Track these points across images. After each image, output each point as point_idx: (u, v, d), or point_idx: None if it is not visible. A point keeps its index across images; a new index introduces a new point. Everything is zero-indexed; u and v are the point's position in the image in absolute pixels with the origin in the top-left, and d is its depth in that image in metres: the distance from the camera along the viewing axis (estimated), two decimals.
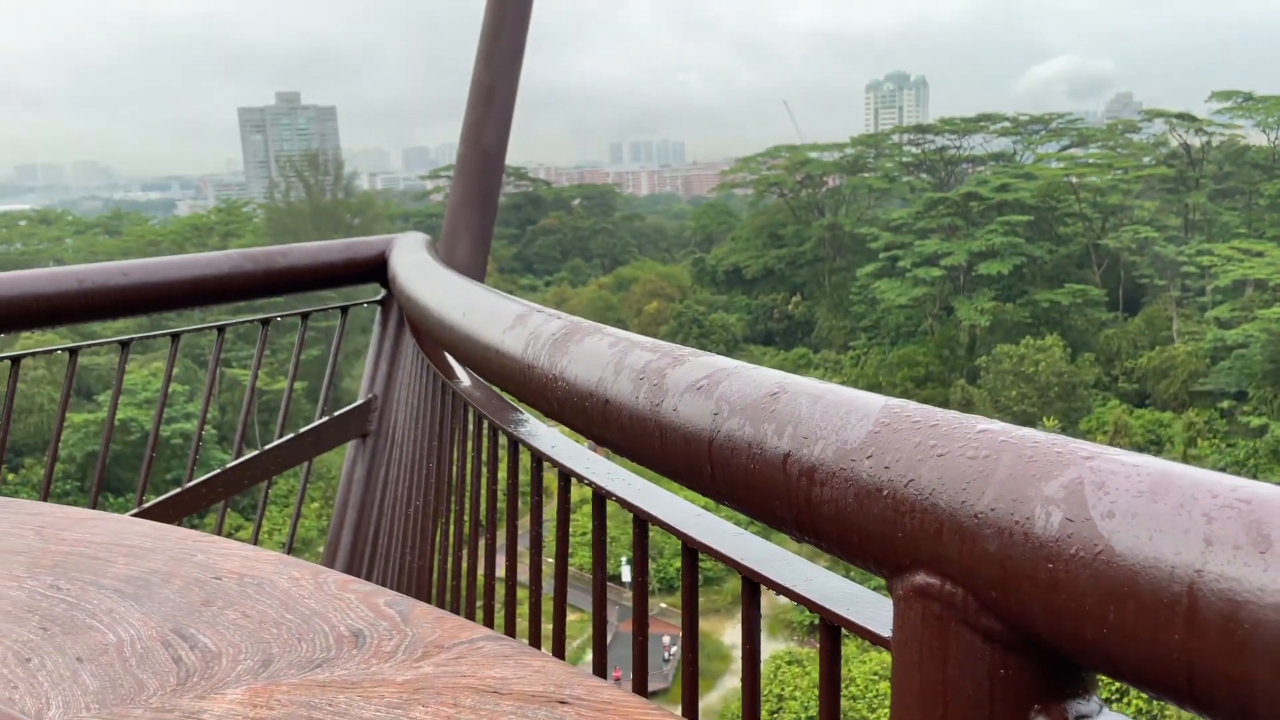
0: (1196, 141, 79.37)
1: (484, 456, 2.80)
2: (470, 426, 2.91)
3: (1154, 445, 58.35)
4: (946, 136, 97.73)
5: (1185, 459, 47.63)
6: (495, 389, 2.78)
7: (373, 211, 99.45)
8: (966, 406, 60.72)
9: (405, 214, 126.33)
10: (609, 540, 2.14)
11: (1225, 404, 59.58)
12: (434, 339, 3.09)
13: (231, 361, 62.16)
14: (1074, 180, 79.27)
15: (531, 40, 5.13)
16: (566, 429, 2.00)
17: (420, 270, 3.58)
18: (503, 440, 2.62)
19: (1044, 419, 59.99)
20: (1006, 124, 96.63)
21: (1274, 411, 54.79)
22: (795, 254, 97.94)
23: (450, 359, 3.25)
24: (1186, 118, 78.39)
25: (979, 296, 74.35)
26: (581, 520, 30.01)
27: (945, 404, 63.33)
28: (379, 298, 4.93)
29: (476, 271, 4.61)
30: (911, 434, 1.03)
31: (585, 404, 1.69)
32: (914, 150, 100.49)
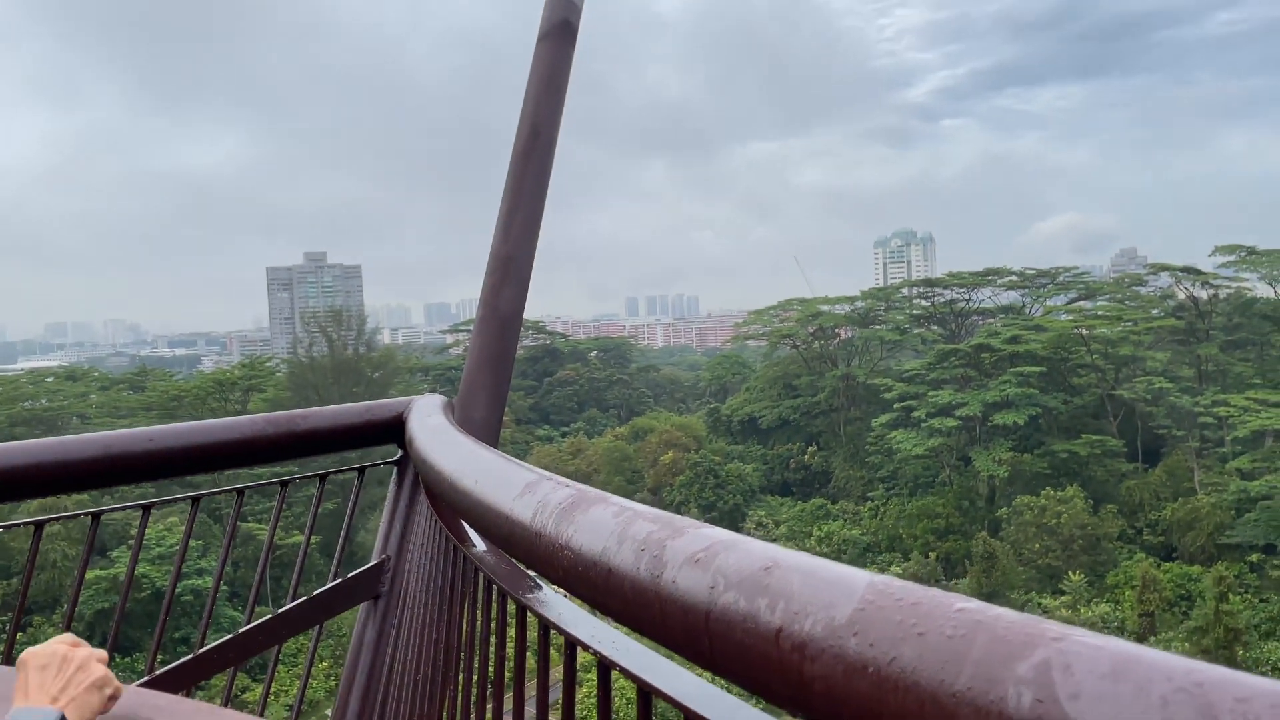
0: (1203, 294, 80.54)
1: (493, 623, 2.84)
2: (480, 591, 2.97)
3: (1184, 600, 56.53)
4: (955, 290, 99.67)
5: (1218, 614, 46.14)
6: (506, 554, 2.84)
7: (393, 365, 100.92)
8: (989, 560, 59.44)
9: (425, 366, 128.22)
10: (614, 711, 2.16)
11: (1254, 557, 58.06)
12: (447, 502, 3.18)
13: (247, 516, 62.00)
14: (1084, 332, 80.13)
15: (551, 202, 5.41)
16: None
17: (436, 435, 3.70)
18: (512, 606, 2.67)
19: (1070, 573, 58.54)
20: (1014, 278, 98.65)
21: None
22: (810, 404, 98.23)
23: (463, 522, 3.32)
24: (1192, 271, 79.87)
25: (996, 447, 73.89)
26: (590, 688, 28.97)
27: (968, 557, 62.04)
28: (395, 458, 5.02)
29: (491, 433, 4.72)
30: (894, 611, 1.07)
31: (590, 573, 1.75)
32: (923, 303, 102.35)
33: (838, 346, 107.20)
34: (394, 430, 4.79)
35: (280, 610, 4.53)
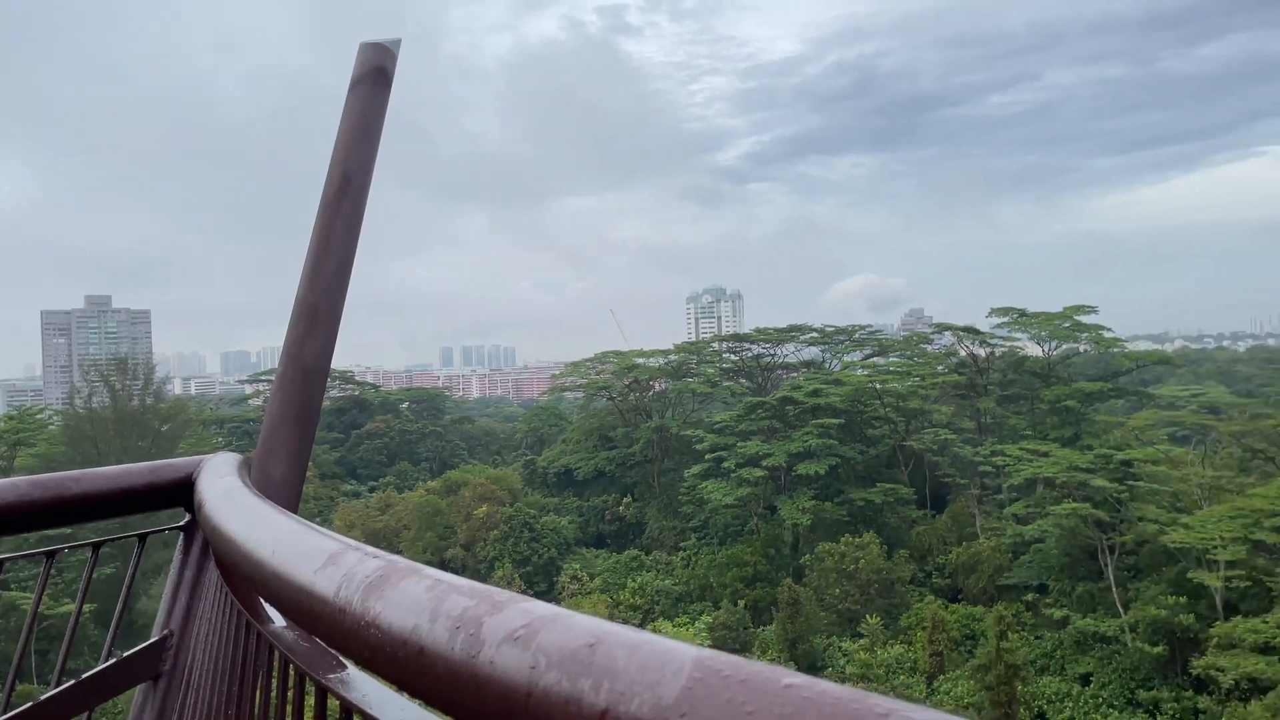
0: (982, 352, 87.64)
1: (290, 707, 2.60)
2: (276, 672, 2.72)
3: (969, 639, 60.44)
4: (762, 345, 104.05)
5: (999, 652, 49.53)
6: (306, 632, 2.62)
7: (184, 417, 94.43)
8: (794, 606, 61.48)
9: (220, 419, 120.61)
10: None
11: (1029, 597, 62.89)
12: (240, 574, 2.92)
13: (10, 583, 55.69)
14: (878, 386, 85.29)
15: (363, 249, 5.19)
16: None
17: (228, 498, 3.41)
18: (311, 689, 2.46)
19: (867, 616, 61.31)
20: (815, 334, 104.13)
21: (1073, 603, 58.18)
22: (625, 455, 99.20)
23: (258, 596, 3.06)
24: (972, 331, 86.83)
25: (799, 496, 77.03)
26: None
27: (774, 604, 63.64)
28: (181, 523, 4.61)
29: (292, 494, 4.42)
30: (723, 689, 1.04)
31: (399, 652, 1.61)
32: (733, 357, 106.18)
33: (652, 398, 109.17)
34: (182, 492, 4.40)
35: (43, 697, 4.01)
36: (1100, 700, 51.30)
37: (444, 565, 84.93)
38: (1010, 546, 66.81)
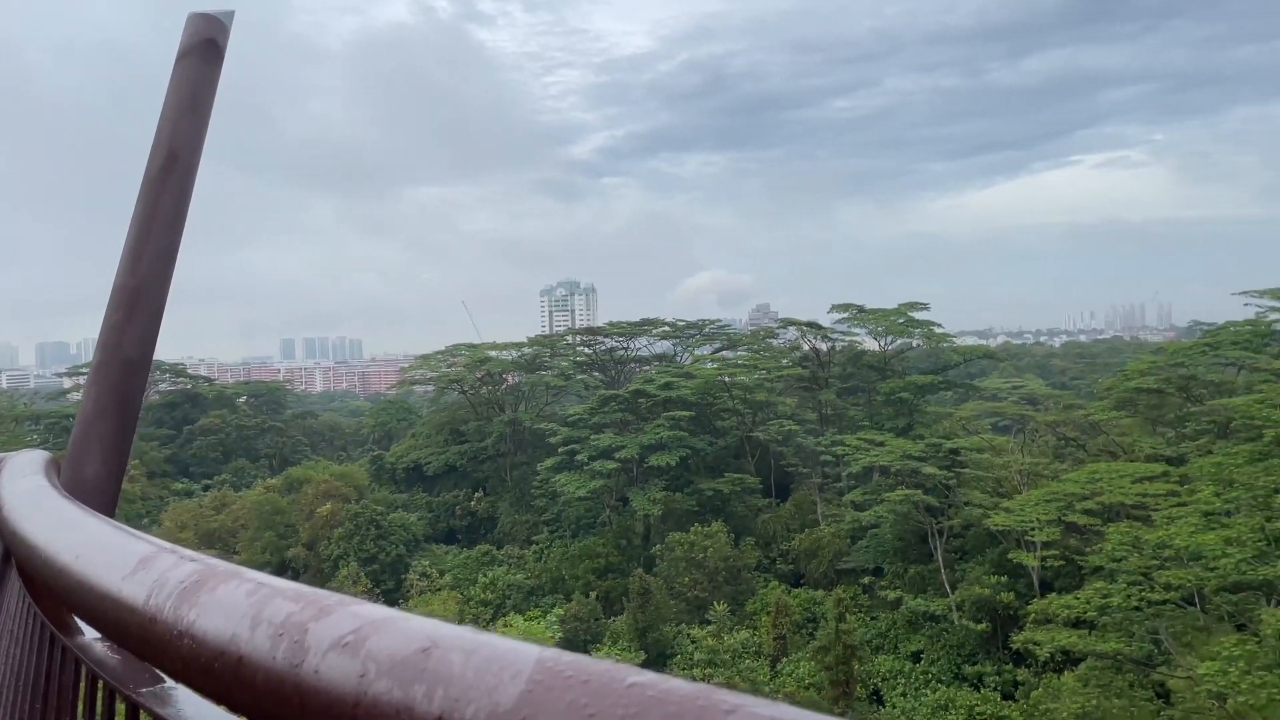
0: (823, 346, 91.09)
1: None
2: (84, 688, 2.51)
3: (811, 622, 62.86)
4: (615, 339, 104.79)
5: (837, 633, 51.71)
6: (116, 643, 2.43)
7: None
8: (645, 595, 62.30)
9: (35, 414, 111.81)
10: None
11: (866, 579, 65.93)
12: (43, 581, 2.68)
13: None
14: (726, 379, 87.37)
15: (195, 234, 4.88)
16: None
17: (29, 499, 3.13)
18: (122, 706, 2.28)
19: (715, 603, 62.74)
20: (667, 328, 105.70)
21: (906, 584, 61.35)
22: (477, 449, 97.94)
23: (63, 606, 2.82)
24: (814, 326, 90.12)
25: (651, 487, 78.06)
26: None
27: (626, 594, 64.23)
28: None
29: (106, 495, 4.11)
30: (564, 692, 1.00)
31: (215, 663, 1.50)
32: (586, 350, 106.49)
33: (505, 392, 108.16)
34: None
35: None
36: (930, 676, 54.35)
37: (285, 565, 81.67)
38: (849, 532, 69.80)
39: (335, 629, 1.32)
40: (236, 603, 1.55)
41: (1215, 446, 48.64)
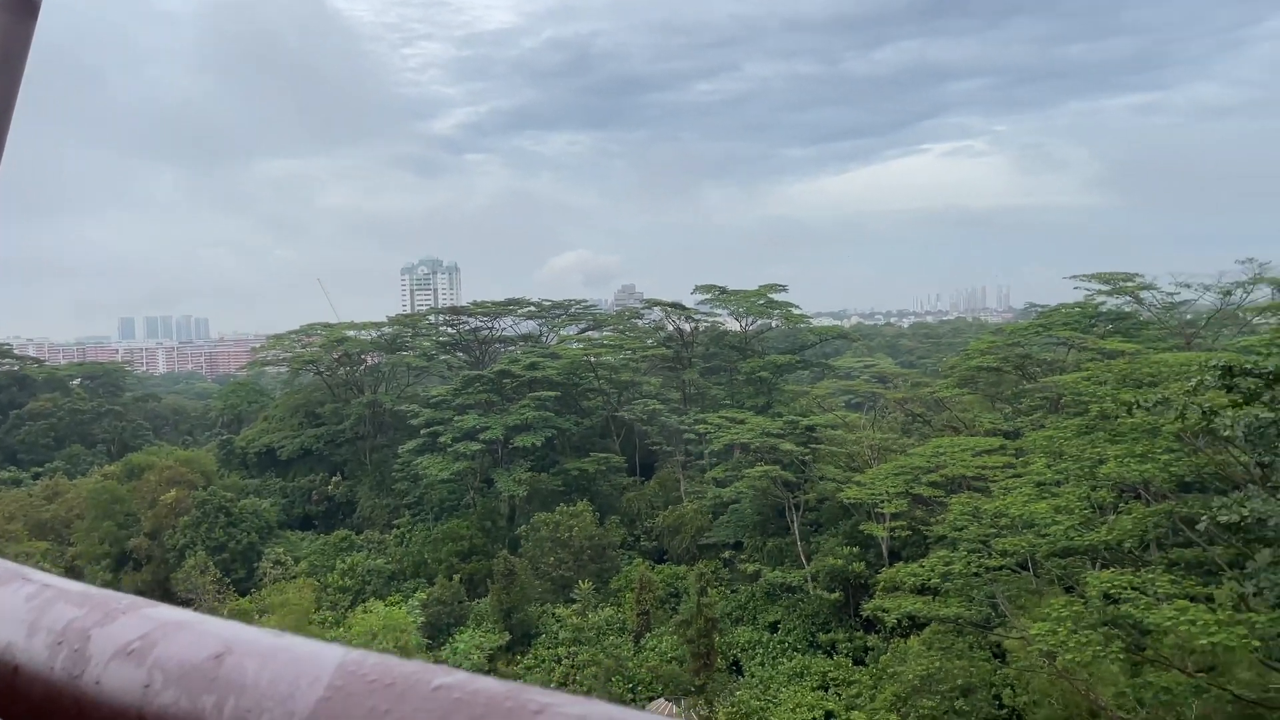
0: (687, 327, 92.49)
1: None
2: None
3: (674, 597, 64.06)
4: (479, 318, 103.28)
5: (699, 607, 52.89)
6: None
7: None
8: (509, 576, 62.05)
9: None
10: None
11: (727, 554, 67.66)
12: None
13: None
14: (592, 360, 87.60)
15: (15, 205, 4.51)
16: None
17: None
18: None
19: (580, 582, 63.09)
20: (532, 308, 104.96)
21: (764, 557, 63.28)
22: (334, 433, 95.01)
23: None
24: (678, 307, 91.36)
25: (516, 468, 77.63)
26: None
27: (490, 576, 63.79)
28: None
29: None
30: (366, 697, 0.95)
31: None
32: (450, 330, 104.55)
33: (364, 373, 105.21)
34: None
35: None
36: (786, 645, 56.33)
37: (126, 556, 77.31)
38: (711, 508, 71.39)
39: (121, 635, 1.24)
40: (14, 607, 1.44)
41: (1047, 421, 52.09)
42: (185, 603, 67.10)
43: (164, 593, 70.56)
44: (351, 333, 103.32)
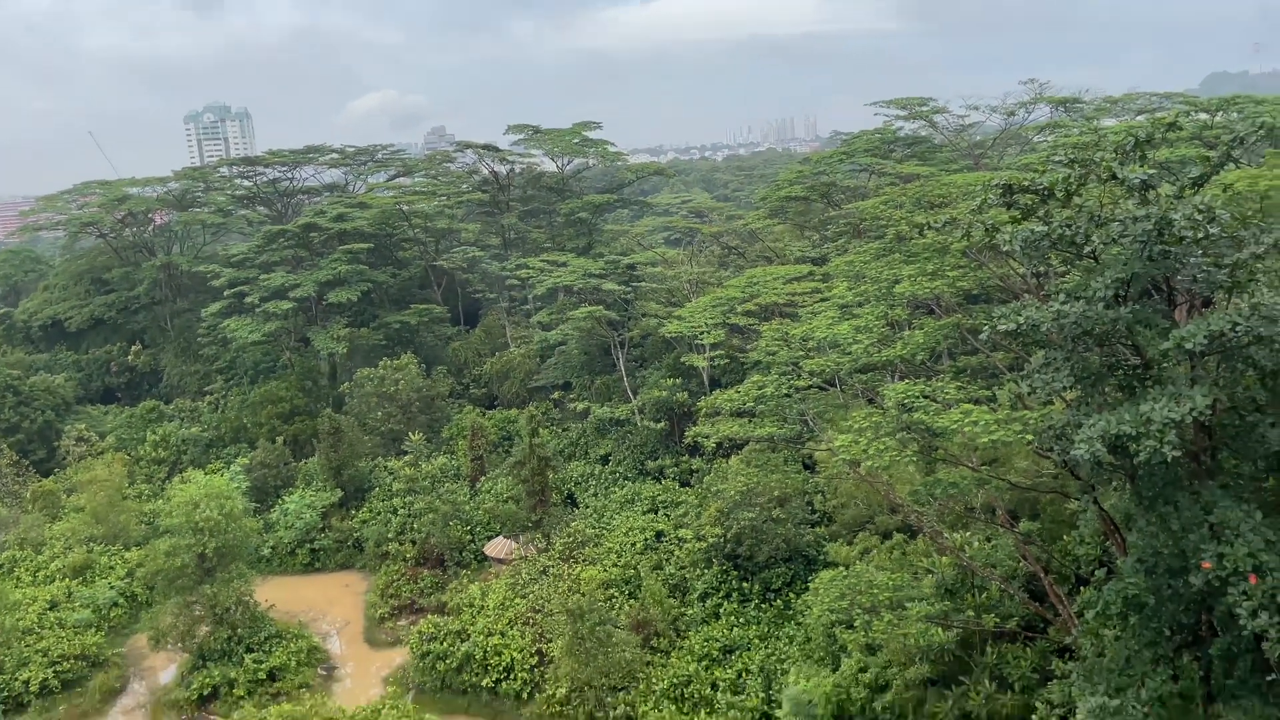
0: (503, 169, 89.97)
1: None
2: None
3: (506, 440, 65.05)
4: (277, 169, 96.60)
5: (531, 447, 53.99)
6: None
7: None
8: (336, 434, 61.02)
9: None
10: None
11: (556, 395, 68.84)
12: None
13: None
14: (405, 208, 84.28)
15: None
16: None
17: None
18: None
19: (410, 434, 62.88)
20: (335, 155, 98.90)
21: (593, 395, 64.79)
22: (128, 299, 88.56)
23: None
24: (491, 149, 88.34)
25: (333, 325, 75.02)
26: None
27: (316, 435, 62.59)
28: None
29: None
30: None
31: None
32: (245, 183, 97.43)
33: (155, 233, 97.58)
34: None
35: None
36: (617, 475, 58.71)
37: None
38: (538, 352, 71.90)
39: None
40: None
41: (850, 246, 54.63)
42: None
43: None
44: (134, 190, 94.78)
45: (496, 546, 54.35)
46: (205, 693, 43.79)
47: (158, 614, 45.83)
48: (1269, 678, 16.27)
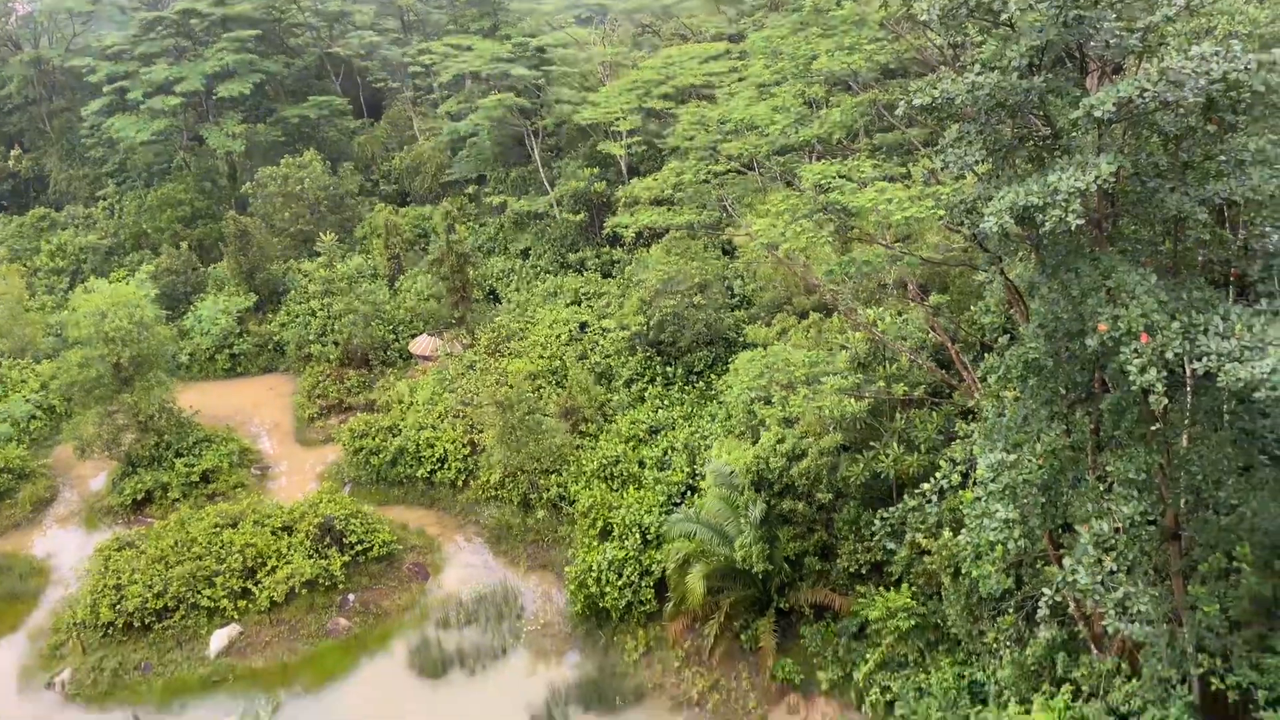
0: None
1: None
2: None
3: (422, 238, 63.80)
4: None
5: (449, 244, 53.07)
6: None
7: None
8: (244, 238, 59.02)
9: None
10: None
11: (471, 189, 67.01)
12: None
13: None
14: None
15: None
16: None
17: None
18: None
19: (321, 234, 61.13)
20: None
21: (509, 188, 63.30)
22: None
23: None
24: None
25: (227, 121, 70.73)
26: None
27: (222, 239, 60.57)
28: None
29: None
30: None
31: None
32: None
33: (18, 25, 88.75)
34: None
35: None
36: (539, 269, 58.50)
37: None
38: (449, 144, 69.31)
39: None
40: None
41: (768, 20, 52.71)
42: None
43: None
44: None
45: (421, 344, 54.47)
46: (139, 497, 44.23)
47: (79, 424, 45.37)
48: (1153, 427, 17.60)
